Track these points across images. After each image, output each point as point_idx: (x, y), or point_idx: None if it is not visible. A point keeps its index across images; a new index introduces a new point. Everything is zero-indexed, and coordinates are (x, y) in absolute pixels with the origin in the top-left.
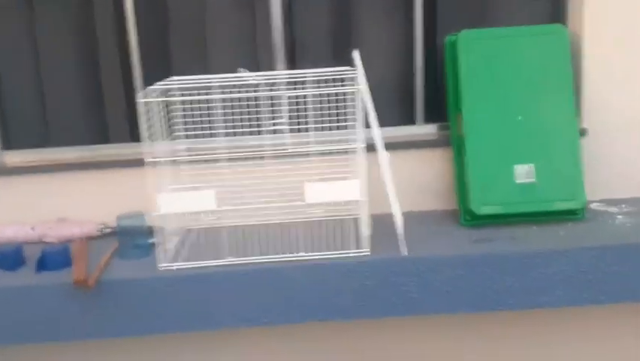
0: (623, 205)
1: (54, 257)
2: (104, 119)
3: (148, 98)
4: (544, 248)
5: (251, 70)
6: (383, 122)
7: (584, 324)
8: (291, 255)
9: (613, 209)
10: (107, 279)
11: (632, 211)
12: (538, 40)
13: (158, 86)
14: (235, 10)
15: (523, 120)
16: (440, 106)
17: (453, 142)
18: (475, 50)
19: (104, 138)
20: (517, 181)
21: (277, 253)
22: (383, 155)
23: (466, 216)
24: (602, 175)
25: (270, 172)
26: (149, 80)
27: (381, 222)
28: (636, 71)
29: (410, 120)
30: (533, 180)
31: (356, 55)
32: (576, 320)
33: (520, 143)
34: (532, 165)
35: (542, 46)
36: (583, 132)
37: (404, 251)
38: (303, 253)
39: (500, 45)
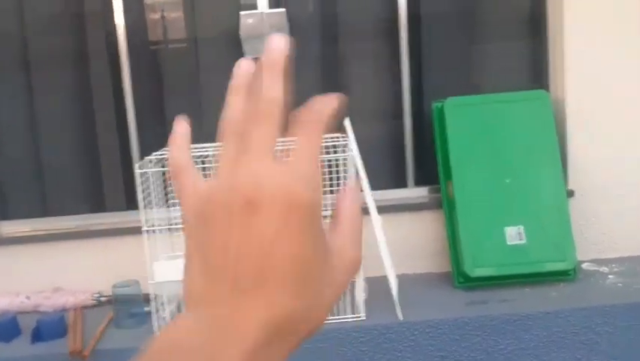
0: (614, 265)
1: (49, 327)
2: (101, 188)
3: (145, 169)
4: (536, 310)
5: None
6: (375, 186)
7: None
8: None
9: (604, 269)
10: (102, 349)
11: (622, 271)
12: (522, 106)
13: (155, 156)
14: (229, 78)
15: (512, 183)
16: (431, 169)
17: (444, 205)
18: (461, 116)
19: (100, 206)
20: (509, 243)
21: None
22: (376, 218)
23: (460, 279)
24: (592, 235)
25: None
26: (146, 148)
27: (376, 285)
28: (619, 131)
29: (401, 183)
30: (524, 241)
31: (347, 123)
32: None
33: (509, 205)
34: (522, 227)
35: (526, 111)
36: (570, 193)
37: (400, 316)
38: None
39: (486, 111)
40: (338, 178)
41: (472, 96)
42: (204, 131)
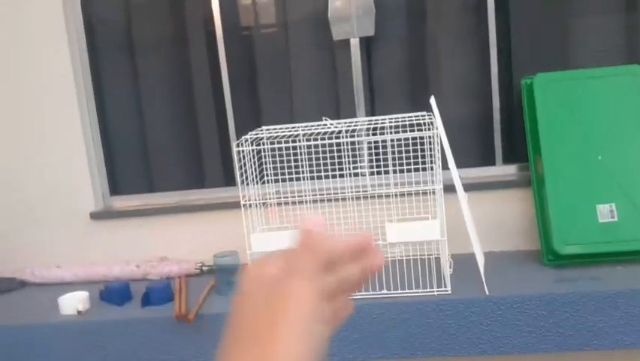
0: None
1: (157, 293)
2: (202, 166)
3: (241, 147)
4: (628, 288)
5: (333, 116)
6: (462, 164)
7: None
8: (373, 293)
9: None
10: (204, 313)
11: None
12: (614, 81)
13: (250, 135)
14: (318, 64)
15: (603, 160)
16: (519, 146)
17: (533, 182)
18: (551, 92)
19: (200, 183)
20: (600, 221)
21: (360, 291)
22: (462, 195)
23: (549, 256)
24: None
25: (353, 213)
26: (241, 128)
27: (463, 262)
28: None
29: (489, 161)
30: (616, 219)
31: (433, 101)
32: None
33: (601, 182)
34: (614, 205)
35: (619, 86)
36: None
37: (486, 290)
38: (386, 291)
39: (576, 87)
40: (423, 156)
41: (562, 72)
42: (294, 111)
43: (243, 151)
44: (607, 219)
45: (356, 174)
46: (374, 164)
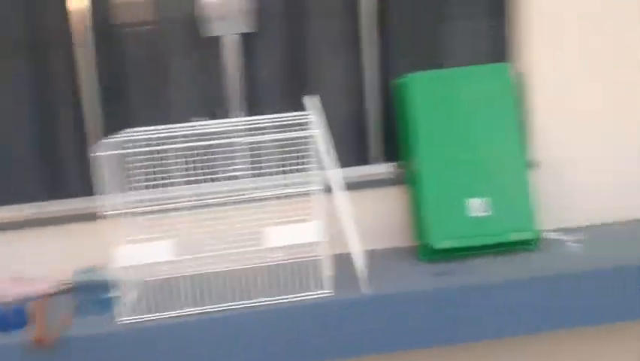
0: (575, 233)
1: (11, 318)
2: (58, 175)
3: (101, 152)
4: (501, 279)
5: (210, 118)
6: (340, 163)
7: (548, 349)
8: (251, 301)
9: (565, 237)
10: (66, 336)
11: (583, 239)
12: (483, 80)
13: (112, 139)
14: (192, 62)
15: (474, 156)
16: (395, 145)
17: (408, 180)
18: (423, 91)
19: (59, 193)
20: (472, 215)
21: (238, 300)
22: (340, 195)
23: (425, 252)
24: (555, 205)
25: (229, 218)
26: (111, 133)
27: (344, 262)
28: (582, 104)
29: (366, 160)
30: (487, 213)
31: (307, 101)
32: (540, 345)
33: (472, 178)
34: (485, 199)
35: (488, 84)
36: (535, 165)
37: (365, 289)
38: (264, 298)
39: (447, 86)
40: (303, 157)
41: (432, 71)
42: (168, 112)
43: (103, 156)
44: (479, 213)
45: (232, 177)
46: (251, 166)
